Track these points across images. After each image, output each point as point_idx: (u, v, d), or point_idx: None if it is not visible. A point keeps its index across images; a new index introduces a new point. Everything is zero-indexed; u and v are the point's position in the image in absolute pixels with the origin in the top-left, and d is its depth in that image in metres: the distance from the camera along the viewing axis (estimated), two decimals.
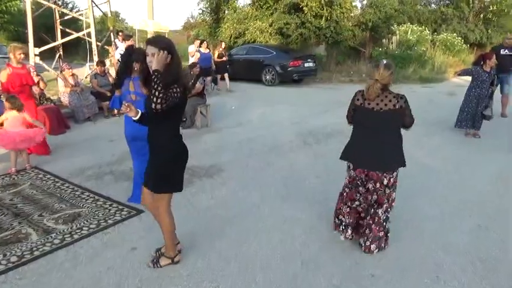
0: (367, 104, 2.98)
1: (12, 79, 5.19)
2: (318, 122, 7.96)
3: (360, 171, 3.09)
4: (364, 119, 3.03)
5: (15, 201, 4.06)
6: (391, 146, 3.02)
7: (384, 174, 3.01)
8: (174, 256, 2.97)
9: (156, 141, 2.69)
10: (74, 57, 18.44)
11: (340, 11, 15.76)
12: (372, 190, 3.09)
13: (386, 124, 2.97)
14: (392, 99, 2.93)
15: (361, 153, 3.07)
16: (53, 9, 9.73)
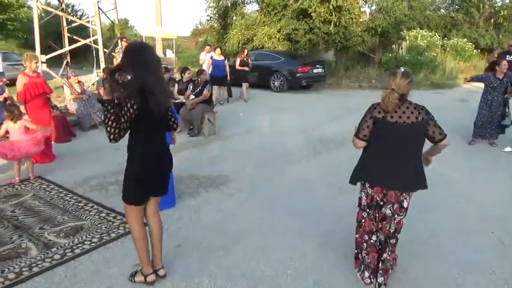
0: (389, 117, 2.62)
1: (29, 88, 5.18)
2: (328, 130, 7.78)
3: (378, 191, 2.73)
4: (385, 133, 2.66)
5: (17, 213, 3.95)
6: (415, 164, 2.71)
7: (403, 194, 2.71)
8: (147, 274, 2.77)
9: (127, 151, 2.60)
10: (83, 64, 18.52)
11: (349, 16, 15.61)
12: (389, 216, 2.73)
13: (411, 139, 2.65)
14: (414, 110, 2.62)
15: (381, 170, 2.71)
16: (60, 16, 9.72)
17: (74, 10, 24.49)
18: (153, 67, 2.43)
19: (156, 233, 2.80)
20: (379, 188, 2.73)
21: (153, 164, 2.58)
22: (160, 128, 2.63)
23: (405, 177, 2.68)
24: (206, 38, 22.91)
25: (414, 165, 2.70)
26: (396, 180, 2.68)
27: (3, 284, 2.81)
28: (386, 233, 2.78)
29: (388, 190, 2.70)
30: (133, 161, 2.56)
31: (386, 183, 2.71)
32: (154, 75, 2.43)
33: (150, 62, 2.44)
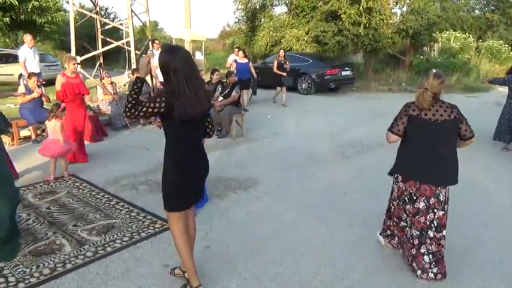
0: (423, 114, 2.83)
1: (67, 88, 5.36)
2: (356, 133, 7.65)
3: (411, 184, 2.89)
4: (420, 130, 2.86)
5: (52, 210, 4.07)
6: (449, 158, 2.87)
7: (438, 188, 2.83)
8: (195, 287, 2.63)
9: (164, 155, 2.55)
10: (115, 65, 19.03)
11: (380, 17, 15.33)
12: (424, 209, 2.87)
13: (444, 135, 2.83)
14: (447, 109, 2.83)
15: (415, 165, 2.89)
16: (95, 19, 10.01)
17: (106, 13, 25.22)
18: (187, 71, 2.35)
19: (191, 240, 2.76)
20: (412, 181, 2.88)
21: (187, 170, 2.51)
22: (195, 133, 2.54)
23: (438, 171, 2.83)
24: (234, 40, 23.08)
25: (447, 160, 2.86)
26: (429, 175, 2.83)
27: (38, 279, 2.89)
28: (421, 227, 2.90)
29: (421, 184, 2.85)
30: (168, 167, 2.51)
31: (420, 177, 2.86)
32: (187, 79, 2.34)
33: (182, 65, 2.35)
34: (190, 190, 2.57)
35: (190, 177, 2.54)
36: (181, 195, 2.54)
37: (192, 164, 2.54)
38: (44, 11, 12.76)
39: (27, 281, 2.85)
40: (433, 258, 2.88)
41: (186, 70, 2.35)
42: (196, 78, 2.42)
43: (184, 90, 2.32)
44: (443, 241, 2.92)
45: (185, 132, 2.46)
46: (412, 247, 2.95)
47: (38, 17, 12.54)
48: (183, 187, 2.53)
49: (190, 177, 2.54)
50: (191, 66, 2.40)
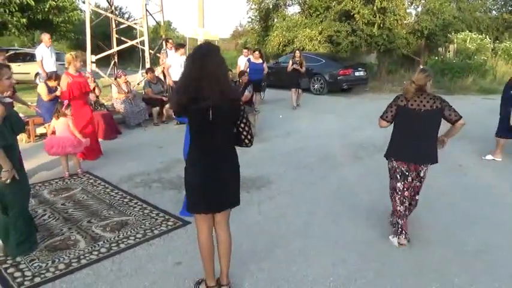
0: (409, 105, 3.30)
1: (72, 87, 5.34)
2: (369, 134, 7.58)
3: (401, 163, 3.40)
4: (406, 118, 3.35)
5: (67, 206, 4.13)
6: (430, 142, 3.37)
7: (421, 166, 3.39)
8: (208, 286, 2.67)
9: None
10: (128, 64, 19.21)
11: (394, 18, 15.19)
12: (410, 182, 3.43)
13: (426, 122, 3.31)
14: (430, 100, 3.27)
15: (403, 148, 3.41)
16: (110, 18, 10.13)
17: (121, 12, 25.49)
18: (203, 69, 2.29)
19: (221, 247, 2.65)
20: (401, 161, 3.39)
21: (200, 174, 2.46)
22: (211, 135, 2.41)
23: (421, 153, 3.36)
24: (246, 40, 23.09)
25: (428, 144, 3.36)
26: (414, 156, 3.37)
27: (53, 273, 2.93)
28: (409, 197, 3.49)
29: (408, 163, 3.37)
30: (187, 166, 2.53)
31: (406, 157, 3.38)
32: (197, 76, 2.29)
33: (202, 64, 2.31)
34: (205, 194, 2.47)
35: (204, 181, 2.45)
36: (194, 198, 2.52)
37: (207, 168, 2.45)
38: (60, 11, 12.96)
39: (43, 275, 2.90)
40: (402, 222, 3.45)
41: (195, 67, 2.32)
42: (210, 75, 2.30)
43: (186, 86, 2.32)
44: (413, 204, 3.59)
45: (200, 133, 2.43)
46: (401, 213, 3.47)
47: (54, 17, 12.75)
48: (196, 190, 2.49)
49: (203, 181, 2.45)
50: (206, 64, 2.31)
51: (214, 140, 2.43)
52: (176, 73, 8.78)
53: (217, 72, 2.32)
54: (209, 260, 2.62)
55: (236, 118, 2.46)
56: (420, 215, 4.05)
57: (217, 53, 2.39)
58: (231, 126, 2.48)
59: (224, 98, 2.32)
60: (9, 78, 3.01)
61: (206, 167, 2.45)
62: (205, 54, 2.35)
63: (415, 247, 3.39)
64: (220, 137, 2.44)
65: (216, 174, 2.46)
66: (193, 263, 3.07)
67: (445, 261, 3.18)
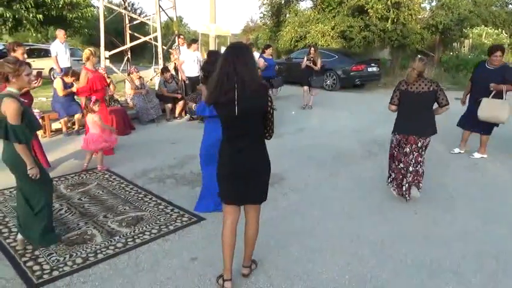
0: (409, 88, 4.02)
1: (94, 82, 5.39)
2: (382, 130, 7.48)
3: (402, 136, 4.13)
4: (406, 99, 4.06)
5: (83, 201, 4.18)
6: (426, 118, 4.06)
7: (419, 139, 4.05)
8: (224, 279, 2.69)
9: None
10: (140, 60, 19.34)
11: (408, 12, 14.99)
12: (409, 152, 4.12)
13: (423, 102, 4.03)
14: (427, 83, 3.98)
15: (404, 123, 4.14)
16: (123, 14, 10.18)
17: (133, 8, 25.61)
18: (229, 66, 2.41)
19: (247, 237, 2.76)
20: (402, 134, 4.13)
21: (227, 166, 2.58)
22: (243, 129, 2.51)
23: (419, 127, 4.05)
24: (257, 35, 23.03)
25: (425, 120, 4.06)
26: (413, 130, 4.07)
27: (71, 267, 2.97)
28: (406, 164, 4.15)
29: (408, 136, 4.08)
30: (218, 157, 2.65)
31: (406, 131, 4.11)
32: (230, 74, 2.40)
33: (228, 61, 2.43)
34: (231, 185, 2.60)
35: (230, 172, 2.59)
36: (221, 187, 2.66)
37: (232, 160, 2.56)
38: (74, 7, 13.08)
39: (61, 269, 2.94)
40: (408, 185, 4.15)
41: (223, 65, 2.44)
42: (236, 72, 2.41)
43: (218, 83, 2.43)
44: (419, 172, 4.18)
45: (230, 125, 2.54)
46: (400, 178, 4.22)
47: (68, 13, 12.87)
48: (225, 180, 2.63)
49: (230, 172, 2.59)
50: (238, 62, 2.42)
51: (243, 132, 2.53)
52: (189, 69, 8.82)
53: (247, 68, 2.44)
54: (228, 252, 2.67)
55: (264, 112, 2.53)
56: (436, 214, 4.01)
57: (248, 50, 2.54)
58: (259, 119, 2.54)
59: (253, 93, 2.42)
60: (28, 75, 3.02)
61: (234, 159, 2.55)
62: (237, 50, 2.48)
63: (431, 246, 3.36)
64: (248, 129, 2.52)
65: (244, 167, 2.56)
66: (208, 259, 3.09)
67: (462, 260, 3.15)
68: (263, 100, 2.50)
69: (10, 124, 2.85)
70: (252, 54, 2.57)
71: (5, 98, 2.85)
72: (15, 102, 2.86)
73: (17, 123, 2.87)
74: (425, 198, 4.36)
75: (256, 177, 2.62)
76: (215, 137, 3.73)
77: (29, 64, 3.13)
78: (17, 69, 2.92)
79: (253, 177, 2.60)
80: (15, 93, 2.95)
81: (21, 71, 2.95)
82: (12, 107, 2.84)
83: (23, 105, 2.98)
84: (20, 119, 2.90)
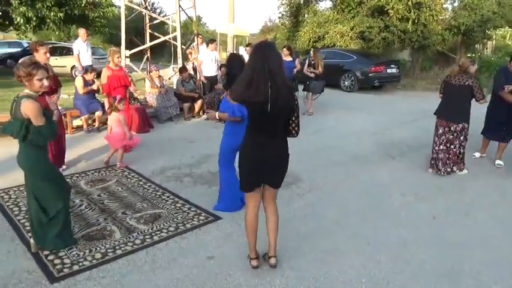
0: (451, 80, 4.92)
1: (113, 81, 5.50)
2: (402, 133, 7.42)
3: (438, 120, 5.07)
4: (447, 89, 5.01)
5: (102, 197, 4.26)
6: (460, 107, 4.86)
7: (449, 123, 4.91)
8: (252, 258, 2.98)
9: None
10: (159, 59, 19.53)
11: (429, 13, 14.74)
12: (441, 133, 5.01)
13: (459, 93, 4.83)
14: (468, 79, 4.76)
15: (441, 108, 5.09)
16: (144, 14, 10.31)
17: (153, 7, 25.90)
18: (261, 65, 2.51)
19: (269, 223, 2.93)
20: (439, 118, 5.07)
21: (253, 154, 2.73)
22: (269, 125, 2.66)
23: (451, 113, 4.93)
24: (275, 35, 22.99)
25: (459, 108, 4.88)
26: (446, 115, 4.96)
27: (91, 262, 3.03)
28: (438, 142, 5.06)
29: (441, 119, 4.98)
30: (240, 148, 2.82)
31: (442, 116, 5.02)
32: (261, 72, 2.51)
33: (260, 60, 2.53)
34: (253, 174, 2.77)
35: (253, 162, 2.74)
36: (242, 176, 2.84)
37: (256, 154, 2.72)
38: (96, 6, 13.32)
39: (81, 263, 3.01)
40: (441, 161, 5.05)
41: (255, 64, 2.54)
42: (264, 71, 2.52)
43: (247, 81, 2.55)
44: (451, 151, 5.00)
45: (257, 122, 2.67)
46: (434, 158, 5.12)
47: (90, 12, 13.11)
48: (247, 172, 2.79)
49: (252, 162, 2.74)
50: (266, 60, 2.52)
51: (269, 129, 2.67)
52: (207, 68, 8.87)
53: (277, 67, 2.55)
54: (252, 234, 2.91)
55: (291, 110, 2.66)
56: (456, 219, 3.94)
57: (275, 49, 2.65)
58: (285, 117, 2.67)
59: (282, 92, 2.54)
60: (40, 80, 2.91)
61: (258, 152, 2.71)
62: (266, 50, 2.57)
63: (450, 251, 3.30)
64: (275, 127, 2.68)
65: (266, 157, 2.72)
66: (225, 258, 3.12)
67: (483, 266, 3.08)
68: (292, 99, 2.64)
69: (34, 126, 2.84)
70: (278, 51, 2.67)
71: (23, 100, 2.83)
72: (34, 103, 2.85)
73: (41, 123, 2.87)
74: (444, 203, 4.29)
75: (278, 162, 2.79)
76: (234, 142, 3.75)
77: (46, 69, 3.07)
78: (28, 73, 2.86)
79: (275, 162, 2.77)
80: (33, 95, 2.93)
81: (32, 76, 2.87)
82: (32, 107, 2.82)
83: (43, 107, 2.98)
84: (44, 118, 2.90)
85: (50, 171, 3.12)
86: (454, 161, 5.03)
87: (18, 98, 2.89)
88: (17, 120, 2.86)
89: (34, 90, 2.93)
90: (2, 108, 7.72)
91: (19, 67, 2.88)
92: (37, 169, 3.02)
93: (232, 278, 2.88)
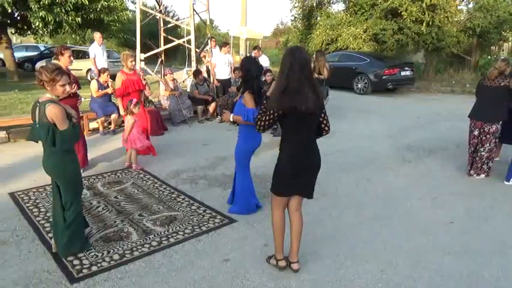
0: (485, 82, 5.06)
1: (127, 85, 5.55)
2: (417, 136, 7.35)
3: (471, 120, 5.13)
4: (481, 91, 5.13)
5: (119, 199, 4.31)
6: (493, 107, 4.93)
7: (484, 124, 4.98)
8: (279, 259, 3.01)
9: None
10: (172, 62, 19.71)
11: (444, 15, 14.55)
12: (477, 135, 5.05)
13: (492, 94, 4.93)
14: (500, 80, 4.89)
15: (474, 110, 5.13)
16: (158, 18, 10.43)
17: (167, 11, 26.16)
18: (296, 69, 2.57)
19: (294, 229, 2.96)
20: (471, 119, 5.14)
21: (295, 161, 2.76)
22: (309, 127, 2.75)
23: (485, 114, 5.00)
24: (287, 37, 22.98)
25: (492, 109, 4.94)
26: (480, 116, 5.03)
27: (109, 263, 3.07)
28: (473, 145, 5.11)
29: (476, 121, 5.05)
30: (280, 154, 2.82)
31: (476, 117, 5.07)
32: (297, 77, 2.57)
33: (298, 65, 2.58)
34: (292, 179, 2.79)
35: (294, 168, 2.76)
36: (280, 182, 2.85)
37: (297, 157, 2.76)
38: (111, 11, 13.50)
39: (99, 264, 3.05)
40: (475, 164, 5.13)
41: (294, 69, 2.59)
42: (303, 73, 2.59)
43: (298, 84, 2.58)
44: (484, 153, 5.06)
45: (293, 127, 2.71)
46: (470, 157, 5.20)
47: (105, 16, 13.29)
48: (284, 176, 2.80)
49: (294, 167, 2.76)
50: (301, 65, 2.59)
51: (306, 134, 2.76)
52: (220, 71, 8.93)
53: (309, 71, 2.63)
54: (280, 237, 2.96)
55: (320, 113, 2.78)
56: (474, 224, 3.88)
57: (306, 53, 2.70)
58: (317, 120, 2.78)
59: (315, 93, 2.62)
60: (63, 86, 2.95)
61: (301, 157, 2.77)
62: (297, 55, 2.61)
63: (469, 257, 3.26)
64: (311, 131, 2.79)
65: (308, 164, 2.81)
66: (240, 261, 3.13)
67: (503, 273, 3.03)
68: (320, 98, 2.72)
69: (59, 130, 2.88)
70: (309, 56, 2.76)
71: (48, 104, 2.86)
72: (59, 107, 2.89)
73: (66, 126, 2.91)
74: (462, 208, 4.23)
75: (315, 171, 2.88)
76: (251, 144, 3.78)
77: (69, 74, 3.10)
78: (52, 79, 2.89)
79: (312, 173, 2.87)
80: (55, 99, 2.96)
81: (55, 82, 2.91)
82: (57, 112, 2.85)
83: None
84: (68, 122, 2.94)
85: (76, 176, 3.16)
86: (483, 163, 5.10)
87: (41, 103, 2.90)
88: (44, 125, 2.88)
89: (56, 95, 2.97)
90: (22, 111, 7.92)
91: (42, 72, 2.89)
92: (65, 173, 3.04)
93: (249, 281, 2.88)
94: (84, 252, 3.20)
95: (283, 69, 2.62)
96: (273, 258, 3.07)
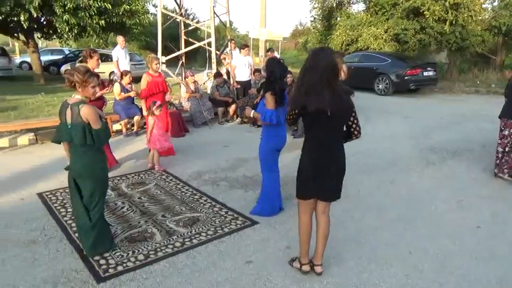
0: None
1: (151, 86, 5.68)
2: (441, 138, 7.20)
3: (501, 120, 5.04)
4: (510, 91, 4.96)
5: (143, 200, 4.39)
6: None
7: None
8: (303, 263, 2.99)
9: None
10: (192, 64, 19.92)
11: (468, 14, 14.23)
12: (507, 135, 4.95)
13: None
14: None
15: (505, 109, 5.01)
16: (179, 20, 10.56)
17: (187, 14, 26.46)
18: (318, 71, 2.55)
19: (320, 231, 2.93)
20: (501, 119, 5.04)
21: (314, 162, 2.73)
22: (331, 129, 2.70)
23: None
24: (307, 38, 22.91)
25: None
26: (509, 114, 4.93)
27: (134, 263, 3.13)
28: (503, 146, 5.02)
29: (507, 120, 4.94)
30: (302, 155, 2.81)
31: (504, 116, 4.98)
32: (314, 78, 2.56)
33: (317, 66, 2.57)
34: (316, 182, 2.75)
35: (316, 171, 2.74)
36: (303, 185, 2.83)
37: (320, 159, 2.73)
38: (133, 14, 13.76)
39: (125, 264, 3.11)
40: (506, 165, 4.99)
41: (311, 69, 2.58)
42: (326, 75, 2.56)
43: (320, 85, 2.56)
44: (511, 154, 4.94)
45: (316, 129, 2.69)
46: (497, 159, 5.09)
47: (127, 20, 13.56)
48: (307, 178, 2.78)
49: (315, 171, 2.74)
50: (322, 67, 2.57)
51: (331, 132, 2.71)
52: (240, 73, 8.98)
53: (333, 72, 2.59)
54: (306, 241, 2.94)
55: (349, 116, 2.74)
56: (502, 228, 3.78)
57: (331, 54, 2.66)
58: (343, 123, 2.74)
59: (340, 95, 2.61)
60: (94, 87, 3.06)
61: (320, 159, 2.73)
62: (322, 56, 2.60)
63: (497, 263, 3.18)
64: (336, 133, 2.74)
65: (328, 166, 2.74)
66: (263, 263, 3.14)
67: None
68: (350, 101, 2.71)
69: (94, 129, 2.97)
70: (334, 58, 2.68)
71: (81, 105, 2.95)
72: (92, 107, 2.99)
73: (100, 126, 3.00)
74: (489, 211, 4.13)
75: (338, 175, 2.83)
76: (274, 143, 3.79)
77: (98, 76, 3.19)
78: (84, 81, 2.99)
79: (336, 175, 2.80)
80: (85, 100, 3.05)
81: (88, 83, 3.00)
82: (92, 112, 2.95)
83: None
84: (101, 121, 3.03)
85: (104, 176, 3.24)
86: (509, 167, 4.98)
87: (72, 104, 2.97)
88: (78, 125, 2.95)
89: (86, 96, 3.07)
90: (49, 113, 8.14)
91: (74, 73, 2.97)
92: (95, 173, 3.11)
93: (272, 284, 2.89)
94: (110, 252, 3.27)
95: (302, 69, 2.65)
96: (296, 261, 3.06)
